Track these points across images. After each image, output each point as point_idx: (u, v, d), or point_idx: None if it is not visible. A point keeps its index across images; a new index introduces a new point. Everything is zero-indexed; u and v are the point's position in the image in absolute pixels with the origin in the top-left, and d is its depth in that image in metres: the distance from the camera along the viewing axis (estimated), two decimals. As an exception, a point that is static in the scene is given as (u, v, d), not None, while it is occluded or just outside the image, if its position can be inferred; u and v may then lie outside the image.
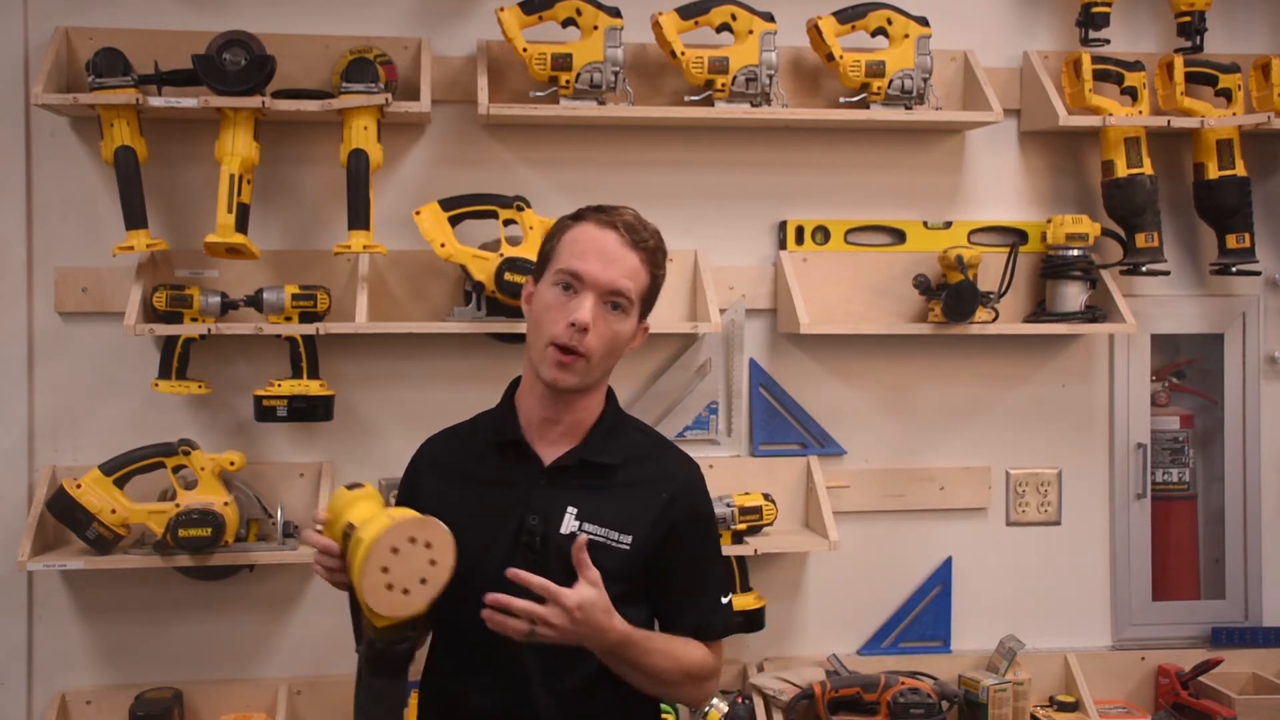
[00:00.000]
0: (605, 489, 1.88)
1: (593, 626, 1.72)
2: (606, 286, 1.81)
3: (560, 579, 1.77)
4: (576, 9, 2.74)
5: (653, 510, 1.87)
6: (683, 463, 1.98)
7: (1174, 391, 3.25)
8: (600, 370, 1.87)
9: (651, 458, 1.95)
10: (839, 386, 3.03)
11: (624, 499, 1.88)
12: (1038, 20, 3.10)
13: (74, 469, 2.70)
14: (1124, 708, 3.03)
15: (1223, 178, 3.01)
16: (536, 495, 1.86)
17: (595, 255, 1.82)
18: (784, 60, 2.92)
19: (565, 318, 1.80)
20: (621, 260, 1.83)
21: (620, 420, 1.98)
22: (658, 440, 2.02)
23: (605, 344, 1.83)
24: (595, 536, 1.83)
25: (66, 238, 2.77)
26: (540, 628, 1.70)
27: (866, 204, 3.03)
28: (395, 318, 2.80)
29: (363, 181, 2.65)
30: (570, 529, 1.84)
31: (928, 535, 3.07)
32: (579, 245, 1.84)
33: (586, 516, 1.85)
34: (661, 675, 1.84)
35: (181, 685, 2.76)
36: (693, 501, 1.93)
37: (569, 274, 1.82)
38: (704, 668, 1.90)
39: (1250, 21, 3.17)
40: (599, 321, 1.81)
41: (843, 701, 2.80)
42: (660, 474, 1.92)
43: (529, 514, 1.85)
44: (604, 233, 1.84)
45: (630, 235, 1.84)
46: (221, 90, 2.59)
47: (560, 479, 1.88)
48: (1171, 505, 3.21)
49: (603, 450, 1.90)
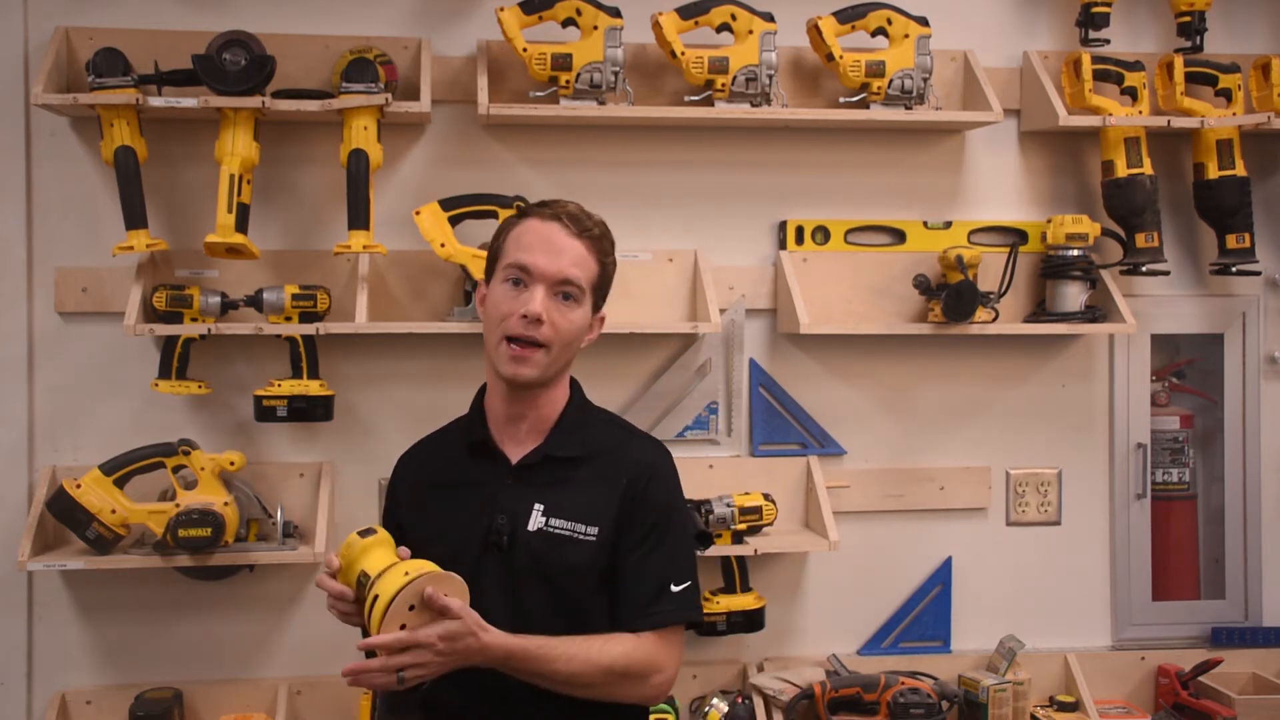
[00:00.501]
0: (571, 482, 1.89)
1: (463, 653, 1.71)
2: (555, 276, 1.83)
3: (531, 578, 1.82)
4: (576, 9, 2.74)
5: (614, 497, 1.88)
6: (646, 447, 1.97)
7: (1174, 391, 3.25)
8: (559, 362, 1.88)
9: (616, 447, 1.94)
10: (839, 386, 3.03)
11: (589, 491, 1.88)
12: (1038, 20, 3.10)
13: (74, 469, 2.70)
14: (1124, 708, 3.03)
15: (1223, 178, 3.01)
16: (504, 494, 1.88)
17: (541, 247, 1.84)
18: (784, 60, 2.92)
19: (517, 310, 1.82)
20: (568, 250, 1.84)
21: (585, 412, 1.98)
22: (623, 428, 2.02)
23: (560, 334, 1.84)
24: (562, 530, 1.85)
25: (66, 238, 2.77)
26: (409, 671, 1.69)
27: (866, 204, 3.03)
28: (395, 318, 2.80)
29: (363, 181, 2.65)
30: (538, 525, 1.86)
31: (928, 535, 3.07)
32: (524, 239, 1.86)
33: (552, 511, 1.86)
34: (575, 680, 1.79)
35: (181, 685, 2.76)
36: (647, 482, 1.90)
37: (516, 268, 1.84)
38: (630, 663, 1.82)
39: (1250, 21, 3.17)
40: (552, 312, 1.83)
41: (843, 701, 2.80)
42: (622, 461, 1.92)
43: (497, 514, 1.86)
44: (548, 225, 1.86)
45: (574, 225, 1.86)
46: (221, 90, 2.59)
47: (527, 476, 1.89)
48: (1171, 505, 3.21)
49: (567, 444, 1.91)
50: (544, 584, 1.84)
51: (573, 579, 1.84)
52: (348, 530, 2.89)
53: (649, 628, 1.86)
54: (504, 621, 1.76)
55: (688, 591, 1.90)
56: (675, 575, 1.90)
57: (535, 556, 1.83)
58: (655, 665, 1.85)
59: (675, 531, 1.92)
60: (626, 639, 1.84)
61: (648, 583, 1.87)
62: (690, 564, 1.93)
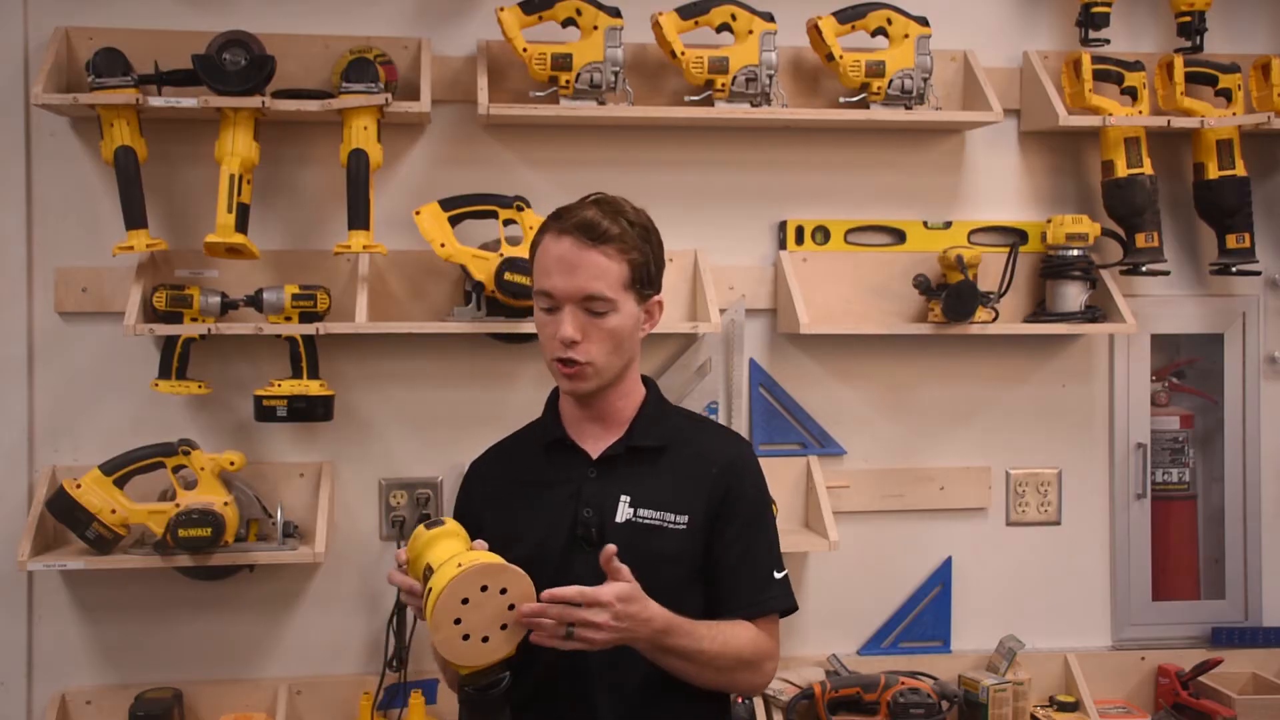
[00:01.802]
0: (655, 473, 1.89)
1: (634, 617, 1.70)
2: (576, 295, 1.82)
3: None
4: (576, 9, 2.74)
5: (704, 487, 1.88)
6: (731, 439, 2.01)
7: (1174, 391, 3.25)
8: (614, 367, 1.88)
9: (698, 437, 1.95)
10: (839, 386, 3.03)
11: (675, 480, 1.89)
12: (1038, 20, 3.10)
13: (74, 469, 2.70)
14: (1124, 708, 3.03)
15: (1223, 178, 3.00)
16: (588, 488, 1.88)
17: (557, 269, 1.83)
18: (784, 60, 2.92)
19: (554, 336, 1.83)
20: (583, 265, 1.82)
21: (663, 407, 1.99)
22: (703, 422, 2.05)
23: (603, 345, 1.84)
24: (651, 520, 1.85)
25: (66, 238, 2.77)
26: (581, 630, 1.66)
27: (866, 204, 3.03)
28: (395, 318, 2.80)
29: (363, 181, 2.65)
30: (625, 517, 1.85)
31: (928, 535, 3.07)
32: (543, 262, 1.85)
33: (640, 502, 1.86)
34: (715, 662, 1.81)
35: (181, 685, 2.76)
36: (740, 475, 1.92)
37: (541, 294, 1.85)
38: (757, 650, 1.86)
39: (1250, 21, 3.17)
40: (587, 329, 1.83)
41: (843, 701, 2.80)
42: (708, 451, 1.92)
43: (582, 507, 1.86)
44: (560, 241, 1.84)
45: (586, 235, 1.82)
46: (221, 90, 2.59)
47: (609, 469, 1.89)
48: (1171, 505, 3.21)
49: (648, 435, 1.91)
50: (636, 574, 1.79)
51: (665, 568, 1.83)
52: (347, 530, 2.91)
53: (759, 615, 1.88)
54: None
55: (787, 579, 1.94)
56: (777, 564, 1.94)
57: (626, 547, 1.78)
58: (770, 654, 1.90)
59: (769, 522, 1.97)
60: (749, 626, 1.87)
61: (756, 572, 1.89)
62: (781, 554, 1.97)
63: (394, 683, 2.78)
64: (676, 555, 1.85)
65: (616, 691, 1.83)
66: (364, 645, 2.87)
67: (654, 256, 1.91)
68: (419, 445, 2.87)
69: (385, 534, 2.87)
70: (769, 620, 1.91)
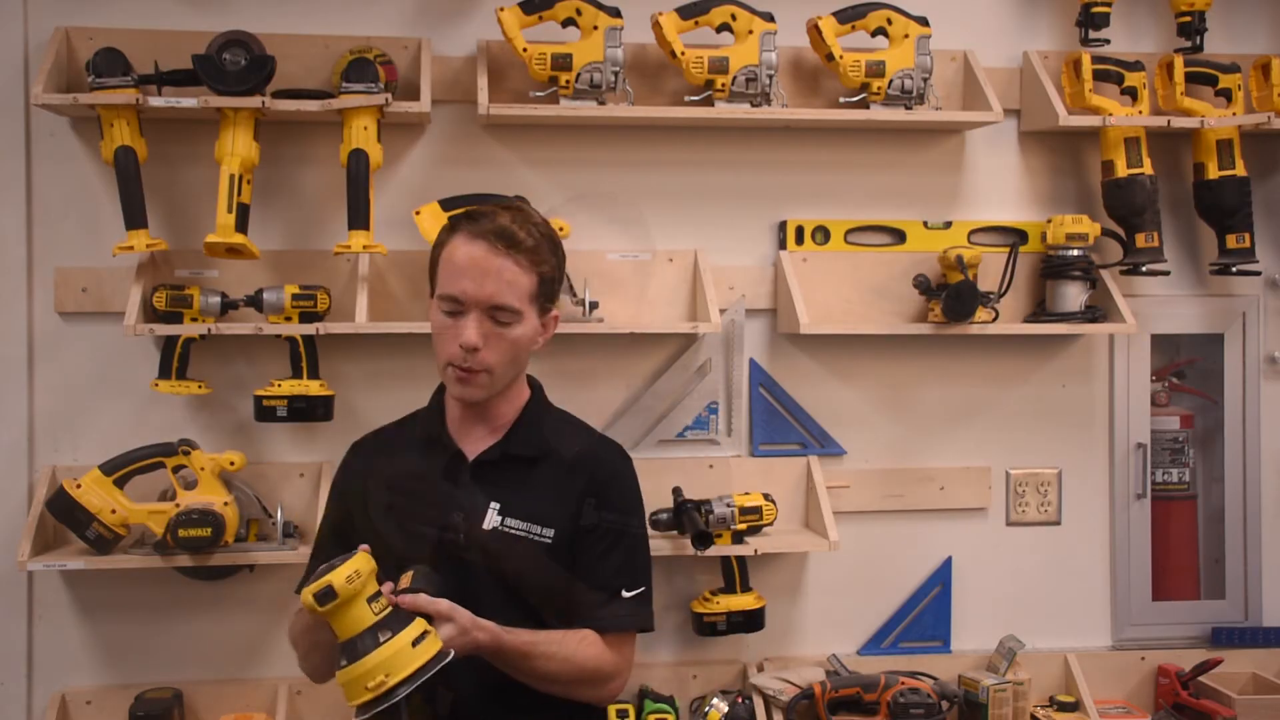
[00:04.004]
0: (528, 482, 1.89)
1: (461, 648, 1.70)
2: (485, 303, 1.81)
3: (484, 576, 1.81)
4: (576, 9, 2.74)
5: (571, 498, 1.88)
6: (605, 448, 1.98)
7: (1174, 391, 3.25)
8: (507, 377, 1.88)
9: (575, 447, 1.94)
10: (839, 386, 3.03)
11: (546, 490, 1.88)
12: (1038, 20, 3.10)
13: (74, 469, 2.70)
14: (1124, 708, 3.03)
15: (1223, 178, 3.00)
16: (461, 491, 1.88)
17: (469, 273, 1.81)
18: (784, 60, 2.92)
19: (454, 340, 1.82)
20: (496, 272, 1.81)
21: (545, 412, 1.98)
22: (583, 430, 2.02)
23: (502, 355, 1.84)
24: (517, 531, 1.85)
25: (66, 238, 2.77)
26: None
27: (866, 204, 3.03)
28: (395, 318, 2.80)
29: (363, 181, 2.65)
30: (493, 524, 1.86)
31: (928, 535, 3.07)
32: (452, 264, 1.83)
33: (508, 511, 1.86)
34: (552, 677, 1.82)
35: (181, 685, 2.76)
36: (606, 486, 1.90)
37: (448, 299, 1.83)
38: (600, 667, 1.85)
39: (1250, 21, 3.17)
40: (490, 337, 1.82)
41: (843, 701, 2.80)
42: (581, 461, 1.91)
43: (453, 511, 1.86)
44: (473, 245, 1.82)
45: (501, 242, 1.81)
46: (221, 90, 2.59)
47: (483, 474, 1.89)
48: (1171, 505, 3.21)
49: (525, 443, 1.91)
50: (499, 583, 1.83)
51: (527, 579, 1.84)
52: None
53: (605, 630, 1.88)
54: None
55: (640, 599, 1.90)
56: (628, 581, 1.90)
57: (490, 555, 1.82)
58: (614, 672, 1.88)
59: (631, 537, 1.93)
60: (598, 641, 1.86)
61: (600, 587, 1.88)
62: (645, 571, 1.93)
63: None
64: (539, 568, 1.84)
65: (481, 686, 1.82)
66: (364, 645, 2.87)
67: (559, 270, 1.91)
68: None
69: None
70: (618, 636, 1.89)
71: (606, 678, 1.87)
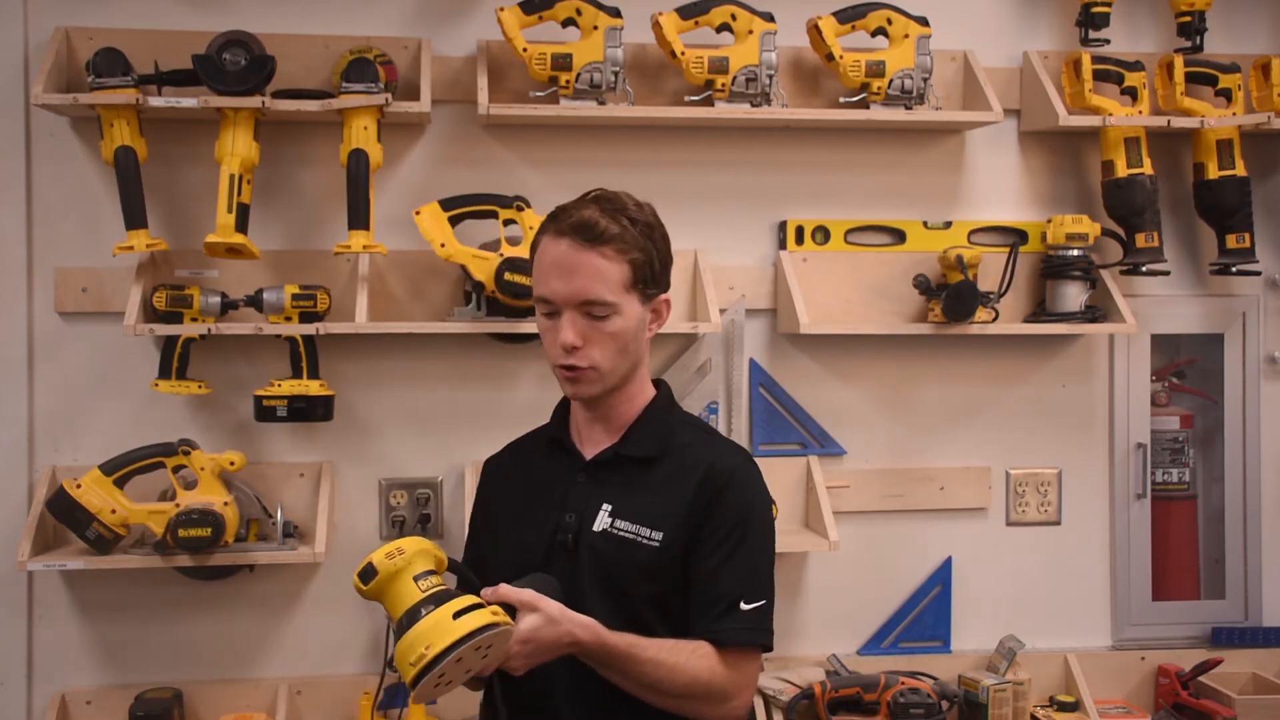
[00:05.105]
0: (642, 484, 1.83)
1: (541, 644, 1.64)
2: (575, 300, 1.77)
3: (593, 579, 1.76)
4: (576, 9, 2.74)
5: (686, 502, 1.80)
6: (725, 452, 1.89)
7: (1174, 391, 3.25)
8: (620, 370, 1.82)
9: (693, 449, 1.86)
10: (839, 386, 3.03)
11: (660, 494, 1.81)
12: (1038, 20, 3.10)
13: (74, 469, 2.70)
14: (1124, 708, 3.03)
15: (1223, 178, 3.00)
16: (575, 492, 1.84)
17: (555, 273, 1.77)
18: (784, 60, 2.92)
19: (555, 341, 1.79)
20: (580, 268, 1.76)
21: (667, 413, 1.91)
22: (704, 431, 1.96)
23: (606, 349, 1.79)
24: (625, 533, 1.79)
25: (66, 238, 2.77)
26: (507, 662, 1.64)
27: (866, 204, 3.03)
28: (395, 318, 2.80)
29: (363, 181, 2.65)
30: (603, 526, 1.80)
31: (928, 535, 3.07)
32: (541, 266, 1.80)
33: (619, 513, 1.81)
34: (658, 686, 1.72)
35: (181, 685, 2.76)
36: (723, 492, 1.80)
37: (541, 301, 1.81)
38: (711, 681, 1.74)
39: (1250, 21, 3.17)
40: (588, 332, 1.78)
41: (843, 701, 2.80)
42: (697, 464, 1.83)
43: (566, 512, 1.83)
44: (557, 244, 1.78)
45: (583, 236, 1.76)
46: (221, 90, 2.59)
47: (598, 474, 1.85)
48: (1171, 505, 3.21)
49: (639, 444, 1.85)
50: (606, 586, 1.77)
51: (633, 584, 1.78)
52: (347, 530, 2.91)
53: (722, 644, 1.77)
54: None
55: (760, 612, 1.80)
56: (748, 592, 1.79)
57: (598, 557, 1.76)
58: (732, 691, 1.77)
59: (752, 545, 1.82)
60: (712, 654, 1.75)
61: (717, 597, 1.77)
62: (766, 584, 1.82)
63: (394, 683, 2.77)
64: (647, 572, 1.77)
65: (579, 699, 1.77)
66: (364, 645, 2.87)
67: (658, 254, 1.83)
68: (419, 445, 2.88)
69: (385, 534, 2.87)
70: (736, 653, 1.78)
71: (723, 696, 1.76)
